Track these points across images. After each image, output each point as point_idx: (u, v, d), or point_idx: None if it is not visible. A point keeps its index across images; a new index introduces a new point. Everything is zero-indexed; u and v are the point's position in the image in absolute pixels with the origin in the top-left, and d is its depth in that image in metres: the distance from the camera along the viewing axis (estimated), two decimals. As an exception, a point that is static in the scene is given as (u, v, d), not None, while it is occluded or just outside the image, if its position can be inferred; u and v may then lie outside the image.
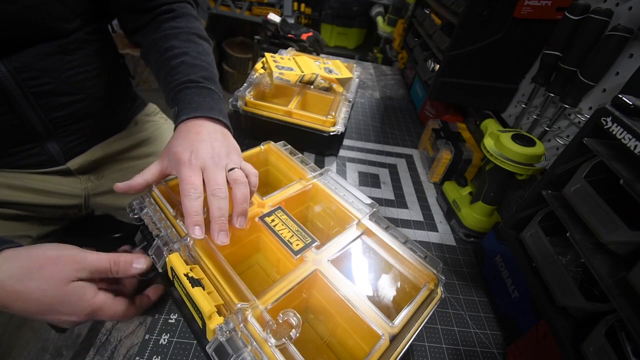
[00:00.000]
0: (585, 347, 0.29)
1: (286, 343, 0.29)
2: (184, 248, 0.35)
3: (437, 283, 0.36)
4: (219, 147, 0.40)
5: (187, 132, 0.41)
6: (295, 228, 0.39)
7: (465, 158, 0.66)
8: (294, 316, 0.30)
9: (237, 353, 0.27)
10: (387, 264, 0.40)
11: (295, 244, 0.37)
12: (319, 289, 0.37)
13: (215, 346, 0.28)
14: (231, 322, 0.29)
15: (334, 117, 0.64)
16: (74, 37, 0.49)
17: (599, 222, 0.29)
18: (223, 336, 0.28)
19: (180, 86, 0.47)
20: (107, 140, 0.62)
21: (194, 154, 0.38)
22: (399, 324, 0.32)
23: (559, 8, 0.56)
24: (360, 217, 0.42)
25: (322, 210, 0.48)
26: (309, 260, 0.36)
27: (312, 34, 1.16)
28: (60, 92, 0.50)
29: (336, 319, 0.36)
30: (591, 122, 0.32)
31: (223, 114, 0.46)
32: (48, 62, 0.47)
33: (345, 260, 0.40)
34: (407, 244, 0.40)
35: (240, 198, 0.37)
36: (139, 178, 0.40)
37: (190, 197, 0.35)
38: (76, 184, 0.59)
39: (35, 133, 0.50)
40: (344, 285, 0.34)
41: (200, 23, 0.58)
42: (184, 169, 0.37)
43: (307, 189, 0.46)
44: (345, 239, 0.40)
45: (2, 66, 0.43)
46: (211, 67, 0.52)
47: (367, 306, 0.33)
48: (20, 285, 0.31)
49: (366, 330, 0.32)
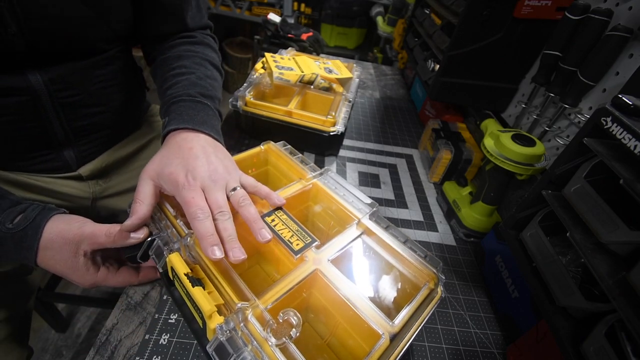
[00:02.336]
0: (585, 347, 0.29)
1: (286, 342, 0.29)
2: (185, 248, 0.35)
3: (437, 282, 0.36)
4: (215, 163, 0.39)
5: (178, 148, 0.40)
6: (295, 228, 0.39)
7: (465, 158, 0.66)
8: (294, 315, 0.30)
9: (237, 352, 0.27)
10: (387, 264, 0.40)
11: (296, 244, 0.37)
12: (319, 289, 0.37)
13: (216, 346, 0.28)
14: (231, 322, 0.29)
15: (334, 117, 0.64)
16: (106, 54, 0.51)
17: (599, 222, 0.29)
18: (223, 336, 0.28)
19: (175, 98, 0.47)
20: (116, 146, 0.63)
21: (191, 173, 0.37)
22: (399, 323, 0.32)
23: (559, 8, 0.55)
24: (360, 217, 0.42)
25: (322, 210, 0.47)
26: (309, 260, 0.36)
27: (312, 34, 1.16)
28: (86, 103, 0.51)
29: (336, 319, 0.36)
30: (591, 122, 0.32)
31: (216, 130, 0.45)
32: (79, 75, 0.48)
33: (345, 260, 0.40)
34: (407, 244, 0.40)
35: (251, 217, 0.37)
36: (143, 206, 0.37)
37: (199, 219, 0.34)
38: (84, 188, 0.60)
39: (55, 141, 0.51)
40: (344, 285, 0.34)
41: (218, 55, 0.59)
42: (184, 192, 0.36)
43: (307, 188, 0.46)
44: (345, 238, 0.40)
45: (39, 77, 0.44)
46: (214, 89, 0.51)
47: (367, 305, 0.33)
48: (44, 252, 0.37)
49: (366, 329, 0.32)
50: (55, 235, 0.37)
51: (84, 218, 0.40)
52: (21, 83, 0.43)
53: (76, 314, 1.15)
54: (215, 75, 0.54)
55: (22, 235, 0.36)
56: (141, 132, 0.68)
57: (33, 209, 0.38)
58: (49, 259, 0.37)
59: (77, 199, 0.59)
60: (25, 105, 0.45)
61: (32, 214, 0.38)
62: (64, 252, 0.37)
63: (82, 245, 0.38)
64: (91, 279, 0.39)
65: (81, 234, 0.37)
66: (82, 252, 0.38)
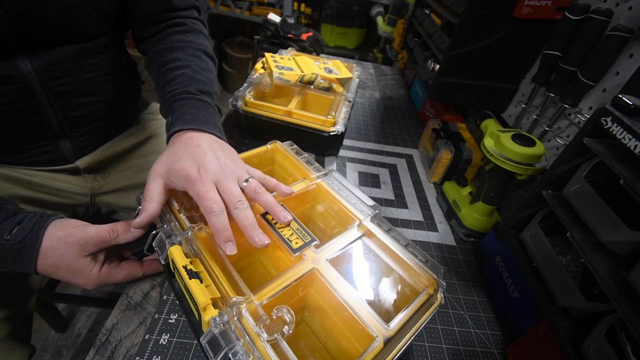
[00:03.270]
0: (585, 347, 0.29)
1: (278, 339, 0.29)
2: (186, 241, 0.35)
3: (437, 288, 0.36)
4: (223, 158, 0.40)
5: (185, 146, 0.41)
6: (296, 226, 0.39)
7: (465, 158, 0.66)
8: (287, 312, 0.31)
9: (229, 345, 0.28)
10: (387, 267, 0.40)
11: (295, 242, 0.37)
12: (316, 288, 0.37)
13: (209, 338, 0.28)
14: (225, 315, 0.29)
15: (334, 117, 0.64)
16: (97, 42, 0.51)
17: (599, 222, 0.29)
18: (217, 328, 0.28)
19: (176, 97, 0.47)
20: (114, 140, 0.63)
21: (202, 168, 0.38)
22: (394, 327, 0.32)
23: (559, 8, 0.55)
24: (362, 219, 0.42)
25: (324, 210, 0.48)
26: (307, 258, 0.36)
27: (312, 34, 1.16)
28: (79, 93, 0.51)
29: (333, 319, 0.36)
30: (591, 122, 0.32)
31: (218, 128, 0.47)
32: (70, 63, 0.48)
33: (344, 261, 0.40)
34: (408, 247, 0.39)
35: (271, 203, 0.38)
36: (152, 204, 0.38)
37: (214, 214, 0.35)
38: (83, 184, 0.60)
39: (51, 131, 0.51)
40: (341, 286, 0.34)
41: (209, 42, 0.59)
42: (198, 186, 0.36)
43: (310, 188, 0.46)
44: (346, 239, 0.40)
45: (28, 63, 0.44)
46: (211, 83, 0.52)
47: (364, 307, 0.33)
48: (44, 261, 0.37)
49: (361, 331, 0.32)
50: (56, 242, 0.37)
51: (83, 222, 0.40)
52: (11, 70, 0.43)
53: (76, 314, 1.15)
54: (210, 66, 0.55)
55: (20, 247, 0.36)
56: (139, 128, 0.68)
57: (30, 219, 0.38)
58: (50, 266, 0.37)
59: (75, 195, 0.59)
60: (17, 94, 0.45)
61: (29, 224, 0.37)
62: (67, 257, 0.37)
63: (86, 247, 0.38)
64: (96, 277, 0.39)
65: (84, 236, 0.37)
66: (86, 253, 0.38)
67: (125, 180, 0.65)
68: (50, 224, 0.38)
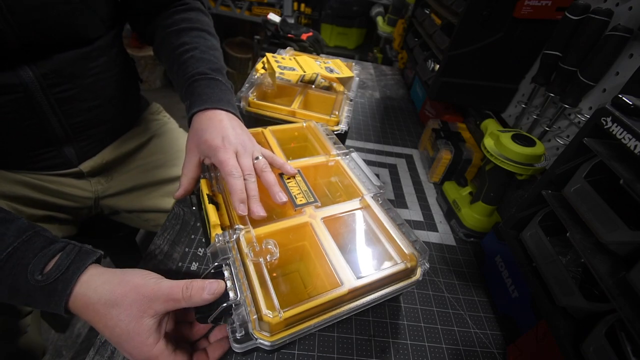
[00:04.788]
0: (585, 347, 0.29)
1: (261, 262, 0.35)
2: (215, 180, 0.45)
3: (417, 265, 0.38)
4: (242, 135, 0.45)
5: (209, 120, 0.45)
6: (305, 188, 0.45)
7: (465, 158, 0.66)
8: (274, 246, 0.37)
9: (224, 256, 0.35)
10: (376, 238, 0.43)
11: (299, 200, 0.43)
12: (309, 242, 0.42)
13: (212, 250, 0.36)
14: (227, 235, 0.37)
15: (337, 116, 0.64)
16: (97, 44, 0.51)
17: (599, 222, 0.29)
18: (219, 243, 0.36)
19: (190, 80, 0.49)
20: (116, 142, 0.63)
21: (226, 139, 0.42)
22: (362, 282, 0.35)
23: (559, 8, 0.56)
24: (364, 194, 0.46)
25: (335, 182, 0.53)
26: (305, 213, 0.42)
27: (312, 34, 1.16)
28: (81, 97, 0.51)
29: (318, 270, 0.40)
30: (591, 122, 0.32)
31: (231, 104, 0.49)
32: (73, 68, 0.49)
33: (338, 224, 0.44)
34: (401, 227, 0.42)
35: (271, 182, 0.42)
36: (186, 179, 0.44)
37: (234, 176, 0.39)
38: (87, 187, 0.60)
39: (55, 138, 0.51)
40: (327, 240, 0.39)
41: (209, 19, 0.60)
42: (221, 153, 0.41)
43: (330, 164, 0.52)
44: (344, 207, 0.44)
45: (29, 71, 0.44)
46: (219, 60, 0.54)
47: (341, 260, 0.37)
48: (106, 310, 0.31)
49: (334, 278, 0.36)
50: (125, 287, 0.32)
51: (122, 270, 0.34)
52: (13, 80, 0.43)
53: (76, 313, 1.15)
54: (215, 44, 0.57)
55: (51, 289, 0.31)
56: (141, 129, 0.68)
57: (67, 254, 0.33)
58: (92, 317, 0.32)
59: (81, 198, 0.59)
60: (20, 103, 0.45)
61: (65, 262, 0.32)
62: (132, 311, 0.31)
63: (154, 304, 0.32)
64: (148, 350, 0.31)
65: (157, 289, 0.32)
66: (152, 312, 0.32)
67: (129, 182, 0.64)
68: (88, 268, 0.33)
